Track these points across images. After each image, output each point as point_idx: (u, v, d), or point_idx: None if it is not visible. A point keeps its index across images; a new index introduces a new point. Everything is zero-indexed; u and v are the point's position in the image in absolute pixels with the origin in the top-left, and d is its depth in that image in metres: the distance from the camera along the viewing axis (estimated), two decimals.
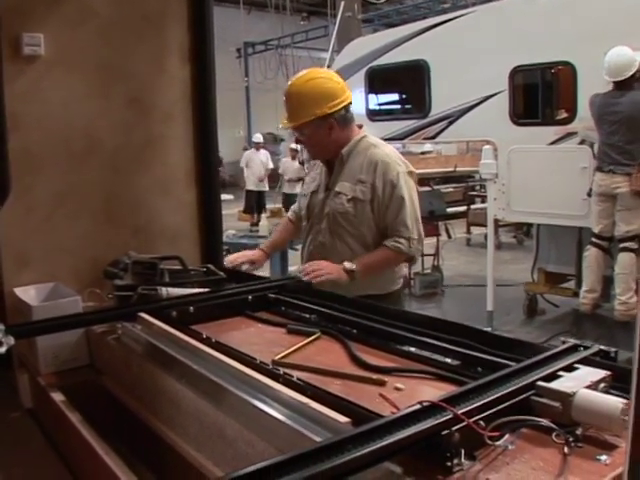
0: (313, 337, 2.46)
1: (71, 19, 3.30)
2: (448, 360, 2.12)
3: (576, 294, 7.80)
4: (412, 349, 2.26)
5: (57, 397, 2.59)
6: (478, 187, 16.06)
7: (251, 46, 27.59)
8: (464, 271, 11.59)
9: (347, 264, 3.32)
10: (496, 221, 9.11)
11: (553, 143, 7.80)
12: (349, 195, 3.43)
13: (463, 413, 1.49)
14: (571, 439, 1.51)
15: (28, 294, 3.09)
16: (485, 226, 9.46)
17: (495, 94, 8.26)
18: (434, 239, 10.55)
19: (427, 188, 11.85)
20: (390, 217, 3.41)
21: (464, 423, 1.47)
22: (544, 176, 7.59)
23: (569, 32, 7.27)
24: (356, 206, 3.43)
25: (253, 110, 28.22)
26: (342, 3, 14.12)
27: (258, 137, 19.33)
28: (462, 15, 9.07)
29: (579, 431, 1.52)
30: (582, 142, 7.45)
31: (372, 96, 10.38)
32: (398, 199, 3.40)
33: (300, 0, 27.84)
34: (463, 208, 14.43)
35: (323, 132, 3.48)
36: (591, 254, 7.18)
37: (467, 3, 21.93)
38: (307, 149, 3.76)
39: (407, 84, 10.09)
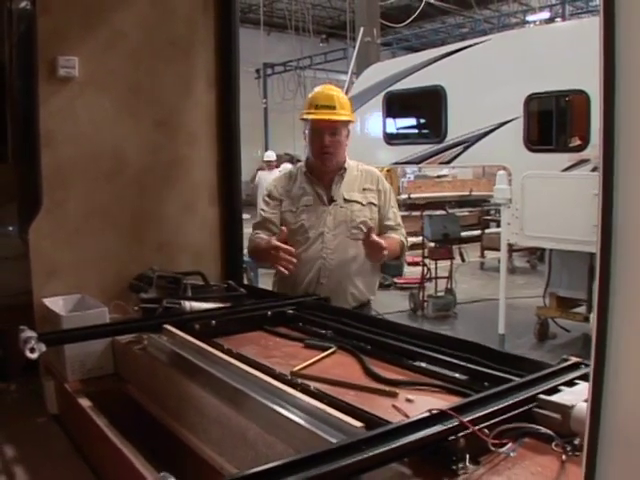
0: (329, 351, 2.56)
1: (104, 43, 3.46)
2: (457, 375, 2.22)
3: (587, 319, 7.85)
4: (423, 364, 2.36)
5: (84, 403, 2.70)
6: (493, 211, 16.11)
7: (270, 67, 27.75)
8: (477, 294, 11.63)
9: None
10: (510, 245, 9.18)
11: (566, 170, 7.90)
12: (364, 202, 3.67)
13: (469, 421, 1.60)
14: (569, 448, 1.61)
15: (56, 305, 3.21)
16: (499, 250, 9.52)
17: (510, 121, 8.38)
18: (448, 262, 10.62)
19: (442, 212, 11.93)
20: (389, 215, 3.74)
21: (469, 430, 1.58)
22: (557, 202, 7.66)
23: (583, 61, 7.35)
24: (372, 210, 3.67)
25: (271, 130, 28.39)
26: (361, 29, 14.25)
27: (270, 155, 16.01)
28: (479, 43, 9.20)
29: (577, 441, 1.61)
30: (595, 169, 7.53)
31: (389, 120, 10.51)
32: (392, 201, 3.82)
33: (319, 22, 28.01)
34: (478, 232, 14.53)
35: (346, 136, 3.70)
36: None
37: (485, 29, 22.11)
38: (332, 152, 3.63)
39: (424, 109, 10.22)
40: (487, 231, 14.78)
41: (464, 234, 12.11)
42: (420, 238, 10.76)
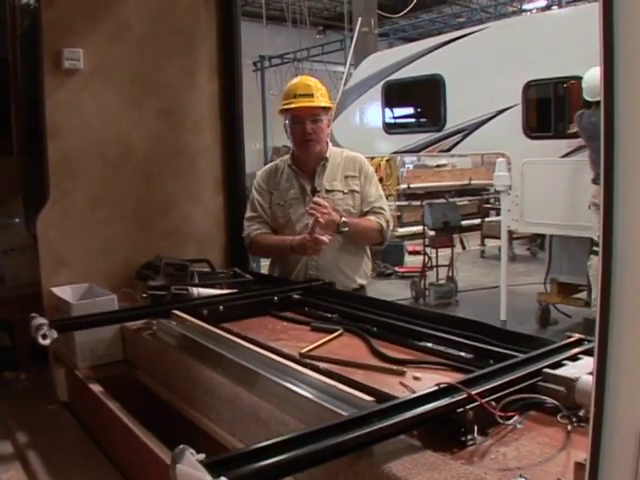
0: (336, 334, 2.60)
1: (108, 35, 3.50)
2: (462, 353, 2.27)
3: (588, 304, 7.89)
4: (428, 344, 2.40)
5: (95, 388, 2.75)
6: (492, 200, 16.15)
7: (267, 59, 27.67)
8: (478, 282, 11.66)
9: (343, 218, 3.52)
10: (510, 232, 9.22)
11: (565, 156, 7.93)
12: (345, 190, 3.69)
13: (476, 394, 1.64)
14: (574, 419, 1.65)
15: (65, 294, 3.25)
16: (499, 238, 9.54)
17: (509, 108, 8.39)
18: (449, 250, 10.66)
19: (442, 200, 11.96)
20: (368, 199, 3.73)
21: (477, 403, 1.62)
22: (556, 188, 7.71)
23: (581, 47, 7.36)
24: (354, 198, 3.69)
25: (269, 123, 28.30)
26: (359, 19, 14.22)
27: None
28: (477, 31, 9.21)
29: (582, 413, 1.66)
30: None
31: (388, 110, 10.52)
32: (375, 185, 3.80)
33: (316, 14, 27.93)
34: (478, 221, 14.58)
35: (327, 125, 3.73)
36: (594, 263, 7.25)
37: (482, 17, 22.09)
38: (314, 139, 3.65)
39: (423, 98, 10.21)
40: (487, 219, 14.82)
41: (464, 223, 12.14)
42: (421, 227, 10.82)
